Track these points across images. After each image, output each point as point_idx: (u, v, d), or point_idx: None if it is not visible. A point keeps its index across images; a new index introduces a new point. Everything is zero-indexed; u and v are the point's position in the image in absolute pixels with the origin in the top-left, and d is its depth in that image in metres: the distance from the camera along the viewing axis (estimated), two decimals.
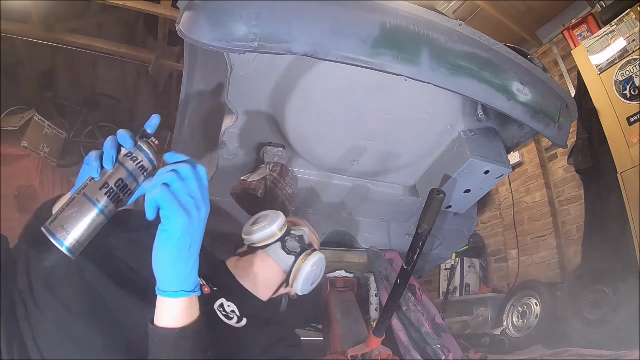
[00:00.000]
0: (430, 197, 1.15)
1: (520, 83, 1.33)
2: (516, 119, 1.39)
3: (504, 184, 3.99)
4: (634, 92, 2.56)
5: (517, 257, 3.66)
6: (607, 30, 2.78)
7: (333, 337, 1.52)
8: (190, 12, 1.09)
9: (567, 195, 3.49)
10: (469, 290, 3.84)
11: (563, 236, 3.46)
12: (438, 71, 1.19)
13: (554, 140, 1.53)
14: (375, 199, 1.88)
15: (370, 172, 1.77)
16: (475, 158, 1.50)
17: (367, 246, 1.91)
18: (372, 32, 1.10)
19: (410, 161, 1.73)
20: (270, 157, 1.59)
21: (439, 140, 1.64)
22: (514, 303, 3.08)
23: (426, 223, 1.16)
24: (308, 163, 1.71)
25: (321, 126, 1.53)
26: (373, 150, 1.63)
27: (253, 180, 1.52)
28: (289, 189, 1.60)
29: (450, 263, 3.88)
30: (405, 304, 1.55)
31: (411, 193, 1.88)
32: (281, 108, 1.45)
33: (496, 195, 4.13)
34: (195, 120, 1.73)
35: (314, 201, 1.87)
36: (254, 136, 1.57)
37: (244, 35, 1.02)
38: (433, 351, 1.44)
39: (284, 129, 1.53)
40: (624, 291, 2.19)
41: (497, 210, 4.13)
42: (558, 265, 3.33)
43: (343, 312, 1.63)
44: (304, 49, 1.06)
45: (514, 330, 2.95)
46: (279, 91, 1.40)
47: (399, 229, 2.05)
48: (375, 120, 1.51)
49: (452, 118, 1.56)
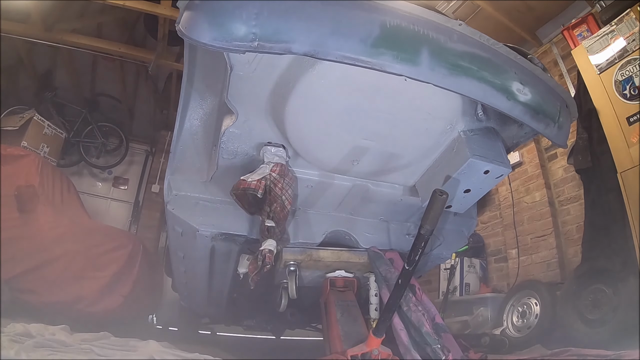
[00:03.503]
0: (433, 198, 1.15)
1: (520, 83, 1.33)
2: (516, 119, 1.39)
3: (504, 184, 4.00)
4: (634, 92, 2.56)
5: (517, 257, 3.66)
6: (607, 30, 2.78)
7: (333, 337, 1.52)
8: (190, 12, 1.09)
9: (567, 195, 3.49)
10: (469, 290, 3.84)
11: (563, 236, 3.46)
12: (438, 71, 1.19)
13: (554, 140, 1.53)
14: (375, 199, 1.88)
15: (370, 172, 1.77)
16: (475, 158, 1.50)
17: (367, 246, 1.91)
18: (372, 32, 1.10)
19: (410, 161, 1.73)
20: (270, 157, 1.59)
21: (439, 140, 1.63)
22: (514, 303, 3.08)
23: (429, 224, 1.16)
24: (308, 163, 1.70)
25: (321, 126, 1.52)
26: (373, 150, 1.63)
27: (253, 180, 1.52)
28: (289, 189, 1.59)
29: (450, 263, 3.88)
30: (406, 304, 1.54)
31: (411, 193, 1.88)
32: (281, 108, 1.45)
33: (496, 195, 4.13)
34: (195, 120, 1.73)
35: (314, 201, 1.87)
36: (254, 136, 1.57)
37: (244, 35, 1.02)
38: (433, 351, 1.43)
39: (284, 129, 1.53)
40: (624, 291, 2.19)
41: (497, 210, 4.13)
42: (558, 265, 3.33)
43: (343, 312, 1.63)
44: (304, 49, 1.06)
45: (514, 330, 2.96)
46: (279, 91, 1.40)
47: (399, 229, 2.05)
48: (375, 121, 1.51)
49: (452, 118, 1.56)
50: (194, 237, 1.72)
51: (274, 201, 1.55)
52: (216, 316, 2.97)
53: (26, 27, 4.11)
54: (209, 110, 1.71)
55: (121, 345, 1.84)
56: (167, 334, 3.40)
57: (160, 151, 5.98)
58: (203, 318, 3.28)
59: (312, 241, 1.85)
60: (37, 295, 2.78)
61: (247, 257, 1.86)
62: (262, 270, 1.52)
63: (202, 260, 1.91)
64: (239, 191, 1.56)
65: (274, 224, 1.56)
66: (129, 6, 3.78)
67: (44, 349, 1.58)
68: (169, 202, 1.70)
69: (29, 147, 3.90)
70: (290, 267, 1.77)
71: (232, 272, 1.98)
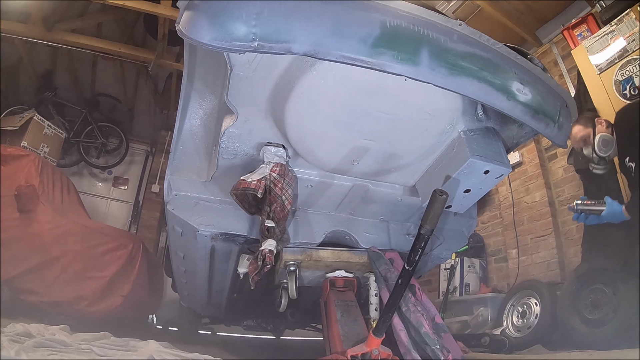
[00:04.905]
0: (433, 198, 1.15)
1: (520, 83, 1.33)
2: (516, 119, 1.39)
3: (504, 184, 4.00)
4: (634, 92, 2.56)
5: (517, 257, 3.66)
6: (607, 30, 2.78)
7: (333, 337, 1.52)
8: (190, 12, 1.09)
9: (567, 195, 3.49)
10: (469, 290, 3.84)
11: (563, 236, 3.46)
12: (438, 71, 1.19)
13: (554, 140, 1.53)
14: (375, 199, 1.88)
15: (370, 172, 1.77)
16: (475, 158, 1.50)
17: (367, 246, 1.91)
18: (372, 32, 1.10)
19: (410, 161, 1.73)
20: (270, 157, 1.59)
21: (439, 140, 1.63)
22: (514, 303, 3.08)
23: (429, 224, 1.16)
24: (308, 163, 1.70)
25: (321, 126, 1.52)
26: (373, 150, 1.63)
27: (253, 180, 1.52)
28: (289, 189, 1.59)
29: (450, 263, 3.88)
30: (405, 304, 1.54)
31: (411, 193, 1.88)
32: (281, 108, 1.45)
33: (496, 195, 4.13)
34: (195, 120, 1.73)
35: (314, 201, 1.87)
36: (254, 136, 1.57)
37: (244, 35, 1.02)
38: (433, 352, 1.43)
39: (284, 129, 1.53)
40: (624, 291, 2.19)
41: (497, 210, 4.13)
42: (558, 265, 3.33)
43: (343, 312, 1.63)
44: (304, 49, 1.06)
45: (514, 330, 2.96)
46: (279, 91, 1.40)
47: (399, 229, 2.05)
48: (376, 121, 1.51)
49: (452, 118, 1.56)
50: (194, 237, 1.72)
51: (274, 201, 1.55)
52: (216, 316, 2.97)
53: (26, 27, 4.11)
54: (209, 110, 1.71)
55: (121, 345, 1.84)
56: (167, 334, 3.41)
57: (160, 151, 5.99)
58: (203, 318, 3.28)
59: (312, 241, 1.84)
60: (37, 295, 2.79)
61: (247, 257, 1.86)
62: (262, 270, 1.52)
63: (202, 260, 1.91)
64: (239, 191, 1.56)
65: (274, 224, 1.56)
66: (129, 6, 3.79)
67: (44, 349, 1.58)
68: (169, 202, 1.70)
69: (29, 147, 3.90)
70: (290, 267, 1.77)
71: (232, 272, 1.98)
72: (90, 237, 3.18)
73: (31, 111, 4.25)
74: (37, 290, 2.79)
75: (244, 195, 1.62)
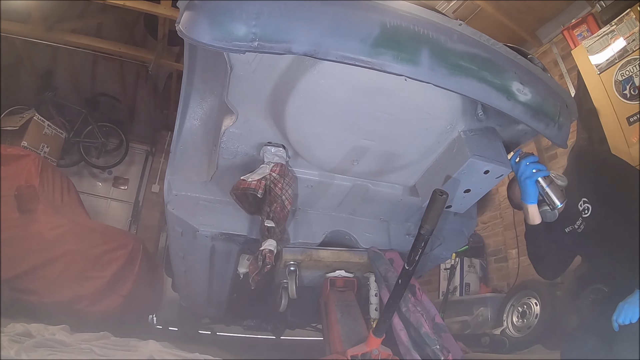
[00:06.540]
0: (433, 198, 1.14)
1: (520, 83, 1.33)
2: (516, 119, 1.39)
3: (504, 184, 3.97)
4: (634, 92, 2.56)
5: (517, 257, 3.66)
6: (607, 30, 2.78)
7: (333, 337, 1.52)
8: (190, 12, 1.09)
9: None
10: (469, 290, 3.84)
11: None
12: (438, 71, 1.19)
13: (554, 140, 1.53)
14: (375, 199, 1.88)
15: (370, 172, 1.77)
16: (475, 158, 1.50)
17: (367, 246, 1.91)
18: (372, 32, 1.10)
19: (410, 161, 1.73)
20: (270, 157, 1.59)
21: (439, 140, 1.63)
22: (514, 303, 3.08)
23: (429, 224, 1.16)
24: (308, 163, 1.70)
25: (321, 126, 1.52)
26: (373, 150, 1.63)
27: (253, 180, 1.52)
28: (289, 189, 1.59)
29: (450, 263, 3.88)
30: (405, 304, 1.54)
31: (411, 193, 1.88)
32: (281, 108, 1.45)
33: (496, 195, 4.13)
34: (195, 120, 1.73)
35: (314, 201, 1.87)
36: (254, 136, 1.57)
37: (244, 35, 1.02)
38: (433, 352, 1.43)
39: (284, 129, 1.53)
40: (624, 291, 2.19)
41: (497, 210, 4.13)
42: None
43: (343, 312, 1.63)
44: (304, 49, 1.06)
45: (514, 330, 2.96)
46: (279, 91, 1.40)
47: (399, 229, 2.05)
48: (376, 121, 1.50)
49: (452, 118, 1.56)
50: (194, 237, 1.72)
51: (274, 201, 1.55)
52: (216, 316, 2.97)
53: (26, 27, 4.11)
54: (209, 110, 1.71)
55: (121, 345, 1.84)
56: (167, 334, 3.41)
57: (160, 151, 5.99)
58: (203, 318, 3.28)
59: (312, 241, 1.85)
60: (37, 295, 2.79)
61: (247, 257, 1.86)
62: (262, 270, 1.52)
63: (202, 260, 1.92)
64: (239, 191, 1.57)
65: (274, 224, 1.56)
66: (129, 6, 3.78)
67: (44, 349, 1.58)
68: (169, 202, 1.70)
69: (29, 147, 3.90)
70: (290, 267, 1.77)
71: (232, 272, 1.98)
72: (90, 237, 3.17)
73: (31, 111, 4.25)
74: (37, 290, 2.79)
75: (244, 195, 1.62)
